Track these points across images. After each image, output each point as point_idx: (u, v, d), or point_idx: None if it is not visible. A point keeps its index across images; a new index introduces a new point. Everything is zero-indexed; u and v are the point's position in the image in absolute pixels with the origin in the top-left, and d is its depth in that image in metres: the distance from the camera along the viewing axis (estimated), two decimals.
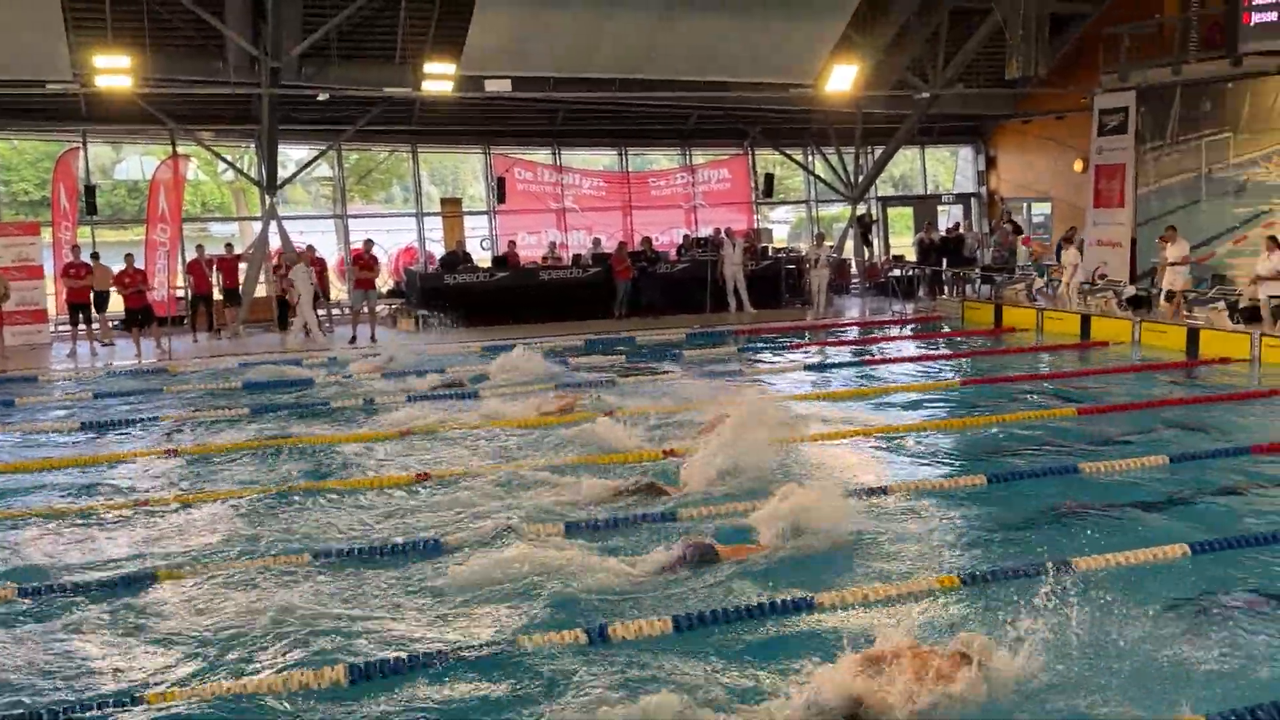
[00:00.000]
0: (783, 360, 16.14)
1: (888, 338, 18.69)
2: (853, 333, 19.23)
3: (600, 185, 24.88)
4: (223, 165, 23.45)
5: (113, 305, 18.80)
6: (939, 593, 6.48)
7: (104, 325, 18.92)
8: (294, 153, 22.70)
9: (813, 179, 26.33)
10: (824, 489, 7.74)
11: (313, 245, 20.58)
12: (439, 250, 22.73)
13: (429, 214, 23.57)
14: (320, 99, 19.84)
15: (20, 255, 18.91)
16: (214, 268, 19.59)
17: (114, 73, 16.99)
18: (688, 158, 25.53)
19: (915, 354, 16.61)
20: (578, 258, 22.07)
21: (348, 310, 20.49)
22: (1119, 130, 20.17)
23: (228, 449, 10.68)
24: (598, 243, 22.50)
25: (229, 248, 20.54)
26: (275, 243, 20.63)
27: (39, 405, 13.50)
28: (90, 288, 18.23)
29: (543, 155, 24.37)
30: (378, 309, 20.00)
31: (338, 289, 21.25)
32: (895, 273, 23.97)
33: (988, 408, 12.07)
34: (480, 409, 12.05)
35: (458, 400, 12.71)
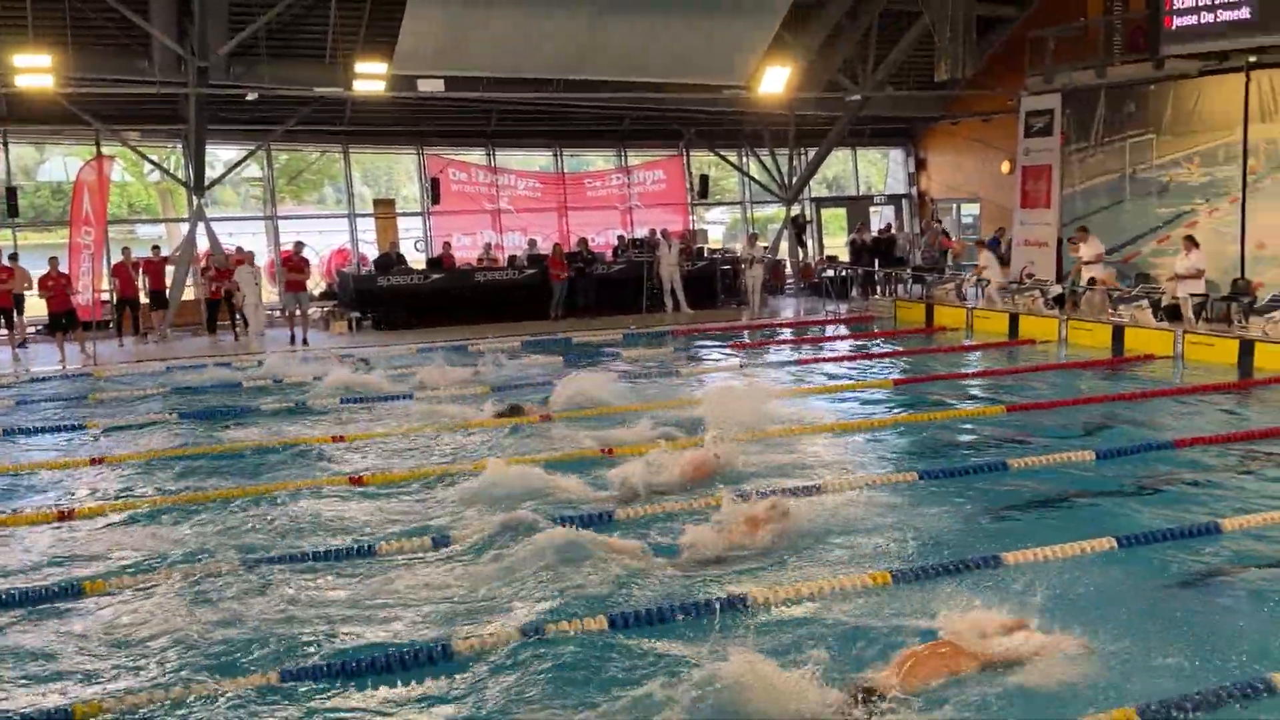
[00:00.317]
0: (720, 360, 16.21)
1: (822, 337, 18.86)
2: (788, 332, 19.38)
3: (536, 186, 24.81)
4: (149, 166, 23.00)
5: (31, 309, 18.36)
6: (872, 590, 6.56)
7: (21, 327, 18.48)
8: (222, 153, 22.32)
9: (747, 180, 26.50)
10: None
11: (241, 246, 20.28)
12: (372, 252, 22.51)
13: (362, 215, 23.34)
14: (249, 98, 19.54)
15: None
16: (140, 270, 19.25)
17: (35, 72, 16.61)
18: (623, 159, 25.56)
19: (849, 353, 16.79)
20: (513, 259, 21.99)
21: (278, 313, 20.19)
22: (1045, 132, 20.55)
23: (155, 455, 10.47)
24: (534, 244, 22.44)
25: (155, 250, 20.15)
26: (203, 244, 20.30)
27: None
28: (10, 291, 17.80)
29: (477, 156, 24.24)
30: (310, 311, 19.75)
31: (269, 291, 20.93)
32: (829, 273, 24.21)
33: (919, 406, 12.25)
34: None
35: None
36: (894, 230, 26.31)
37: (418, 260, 22.21)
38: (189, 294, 20.42)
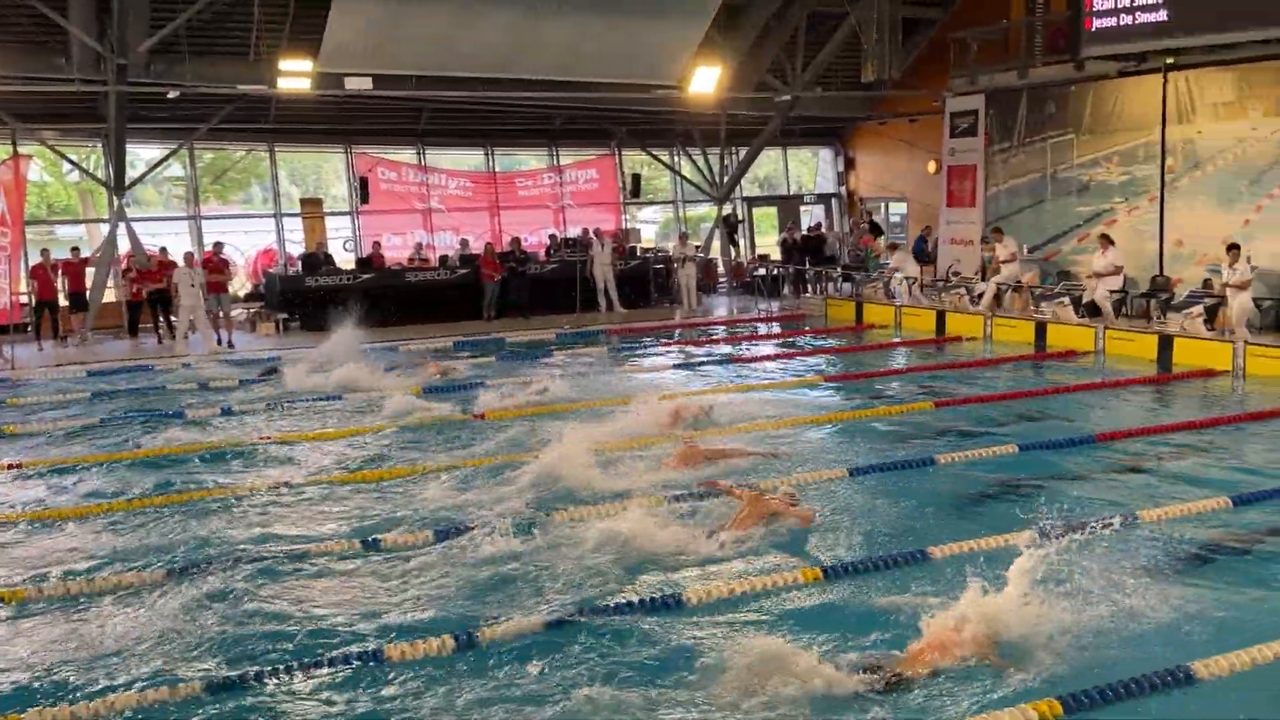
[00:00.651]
0: (654, 359, 16.25)
1: (754, 335, 18.99)
2: (720, 331, 19.48)
3: (467, 185, 24.65)
4: (68, 165, 22.43)
5: None
6: (805, 585, 6.62)
7: None
8: (144, 152, 21.84)
9: (679, 179, 26.58)
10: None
11: (165, 248, 19.88)
12: (300, 252, 22.19)
13: (288, 215, 22.98)
14: (170, 96, 19.15)
15: None
16: (59, 272, 18.75)
17: None
18: (555, 158, 25.49)
19: (780, 351, 16.93)
20: (445, 259, 21.82)
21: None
22: (969, 132, 20.92)
23: (75, 462, 10.22)
24: (465, 244, 22.29)
25: (75, 251, 19.65)
26: (124, 245, 19.85)
27: None
28: None
29: (407, 155, 24.02)
30: (234, 313, 19.42)
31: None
32: (760, 272, 24.41)
33: (849, 403, 12.39)
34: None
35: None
36: (824, 229, 26.59)
37: (347, 260, 21.95)
38: (110, 296, 19.94)
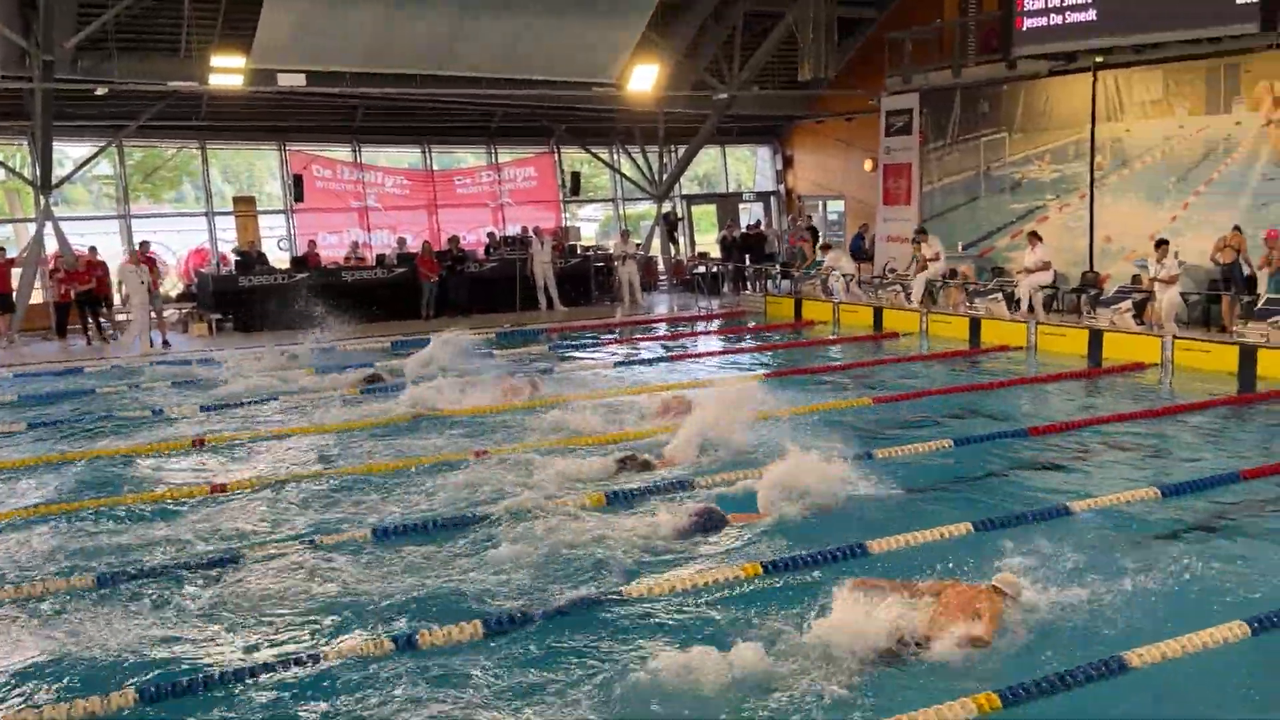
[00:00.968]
0: (594, 357, 16.23)
1: (695, 333, 19.04)
2: (662, 329, 19.50)
3: (404, 183, 24.43)
4: None
5: None
6: (744, 581, 6.65)
7: None
8: (72, 150, 21.35)
9: (619, 177, 26.58)
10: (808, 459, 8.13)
11: (95, 247, 19.44)
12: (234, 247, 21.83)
13: (221, 213, 22.60)
14: (98, 93, 18.74)
15: None
16: None
17: None
18: (493, 156, 25.36)
19: (720, 348, 16.99)
20: (382, 258, 21.61)
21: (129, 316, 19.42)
22: (904, 131, 21.18)
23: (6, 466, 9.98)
24: (403, 242, 22.09)
25: (1, 252, 19.13)
26: (52, 245, 19.38)
27: None
28: None
29: (343, 152, 23.74)
30: (165, 313, 19.06)
31: (121, 293, 20.15)
32: (700, 269, 24.49)
33: (789, 399, 12.45)
34: None
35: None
36: (764, 227, 26.75)
37: (281, 260, 21.64)
38: (37, 297, 19.46)
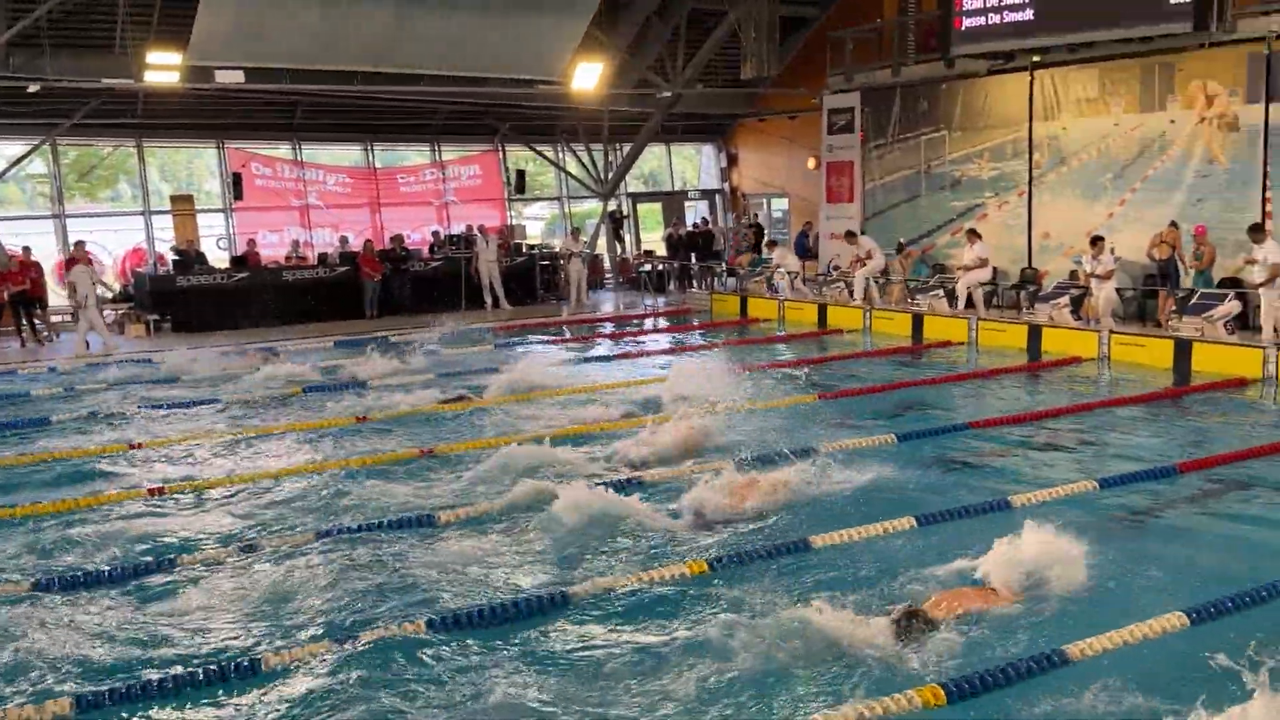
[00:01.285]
0: (540, 355, 16.16)
1: (641, 331, 19.06)
2: (608, 326, 19.49)
3: (346, 182, 24.16)
4: None
5: None
6: (691, 578, 6.66)
7: None
8: (4, 148, 20.89)
9: (564, 175, 26.52)
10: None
11: (29, 247, 19.01)
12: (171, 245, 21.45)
13: (158, 212, 22.21)
14: (31, 90, 18.32)
15: None
16: None
17: None
18: (437, 153, 25.17)
19: (667, 346, 17.02)
20: (324, 257, 21.34)
21: (66, 317, 19.05)
22: (846, 129, 21.36)
23: None
24: (345, 241, 21.86)
25: None
26: None
27: None
28: None
29: (283, 150, 23.42)
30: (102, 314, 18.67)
31: (57, 294, 19.73)
32: (646, 267, 24.51)
33: (736, 394, 12.48)
34: None
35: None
36: (710, 225, 26.83)
37: (221, 259, 21.31)
38: None
